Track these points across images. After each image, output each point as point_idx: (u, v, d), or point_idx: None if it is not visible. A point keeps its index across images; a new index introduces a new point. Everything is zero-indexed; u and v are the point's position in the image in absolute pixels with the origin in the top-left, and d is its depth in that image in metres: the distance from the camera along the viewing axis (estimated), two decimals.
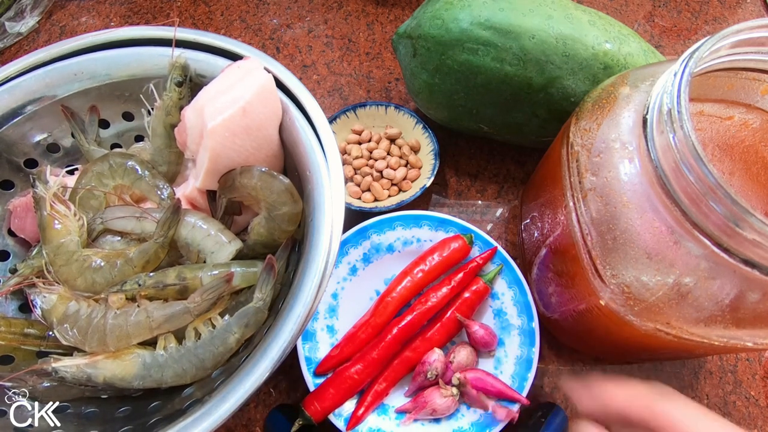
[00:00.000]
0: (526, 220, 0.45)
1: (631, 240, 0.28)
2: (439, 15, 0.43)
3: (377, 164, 0.50)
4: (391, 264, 0.46)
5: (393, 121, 0.53)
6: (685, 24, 0.63)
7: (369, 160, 0.51)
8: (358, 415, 0.39)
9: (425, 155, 0.51)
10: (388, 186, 0.50)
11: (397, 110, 0.52)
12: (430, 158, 0.50)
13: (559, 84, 0.41)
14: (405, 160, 0.51)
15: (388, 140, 0.52)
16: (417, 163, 0.51)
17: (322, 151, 0.35)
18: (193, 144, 0.36)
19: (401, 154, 0.51)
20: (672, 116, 0.25)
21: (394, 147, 0.52)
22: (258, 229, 0.36)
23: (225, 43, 0.38)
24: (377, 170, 0.50)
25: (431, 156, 0.50)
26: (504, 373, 0.41)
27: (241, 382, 0.28)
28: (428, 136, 0.50)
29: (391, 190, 0.50)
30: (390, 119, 0.53)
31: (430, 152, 0.50)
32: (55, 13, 0.63)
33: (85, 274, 0.34)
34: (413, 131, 0.52)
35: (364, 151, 0.51)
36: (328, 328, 0.43)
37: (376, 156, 0.51)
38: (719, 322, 0.27)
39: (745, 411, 0.43)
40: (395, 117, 0.52)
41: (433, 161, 0.49)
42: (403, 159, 0.51)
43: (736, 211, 0.22)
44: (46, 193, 0.35)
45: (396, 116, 0.52)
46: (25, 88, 0.38)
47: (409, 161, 0.51)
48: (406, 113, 0.52)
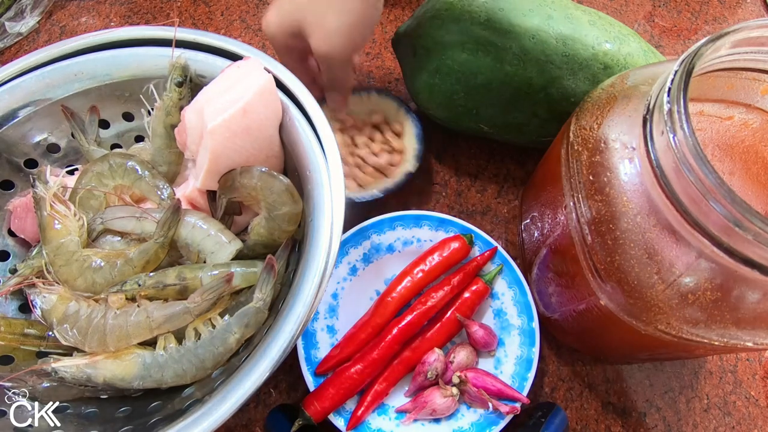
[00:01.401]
0: (526, 220, 0.45)
1: (631, 240, 0.28)
2: (439, 15, 0.43)
3: (360, 151, 0.49)
4: (391, 264, 0.46)
5: (376, 106, 0.51)
6: (685, 24, 0.63)
7: (351, 147, 0.50)
8: (358, 415, 0.39)
9: (409, 140, 0.50)
10: (372, 173, 0.49)
11: (379, 95, 0.51)
12: (413, 143, 0.49)
13: (559, 84, 0.41)
14: (389, 145, 0.50)
15: (372, 126, 0.51)
16: (400, 148, 0.49)
17: (322, 151, 0.35)
18: (193, 144, 0.36)
19: (384, 140, 0.50)
20: (672, 116, 0.25)
21: (377, 133, 0.50)
22: (258, 229, 0.36)
23: (225, 43, 0.38)
24: (360, 157, 0.49)
25: (415, 140, 0.49)
26: (504, 373, 0.41)
27: (241, 382, 0.28)
28: (411, 120, 0.49)
29: (375, 176, 0.49)
30: (373, 104, 0.51)
31: (413, 136, 0.49)
32: (55, 13, 0.63)
33: (85, 274, 0.34)
34: (396, 116, 0.51)
35: (347, 138, 0.50)
36: (328, 328, 0.43)
37: (358, 142, 0.49)
38: (719, 322, 0.27)
39: (745, 411, 0.43)
40: (378, 102, 0.51)
41: (417, 146, 0.48)
42: (386, 145, 0.50)
43: (736, 211, 0.22)
44: (46, 193, 0.35)
45: (379, 101, 0.51)
46: (25, 88, 0.38)
47: (393, 146, 0.50)
48: (388, 98, 0.51)
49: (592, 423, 0.43)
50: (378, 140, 0.50)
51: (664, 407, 0.43)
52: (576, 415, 0.43)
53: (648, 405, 0.43)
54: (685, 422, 0.43)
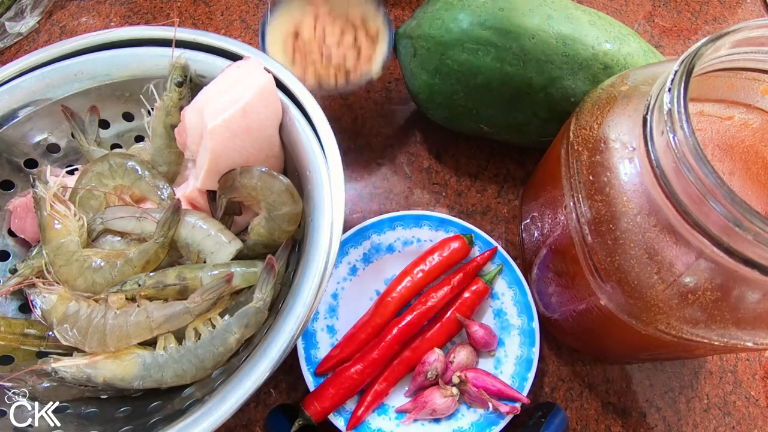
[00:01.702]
0: (526, 220, 0.45)
1: (631, 240, 0.28)
2: (439, 15, 0.43)
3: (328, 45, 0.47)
4: (391, 264, 0.46)
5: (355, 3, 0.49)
6: (685, 24, 0.63)
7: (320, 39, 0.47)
8: (358, 415, 0.39)
9: (380, 46, 0.47)
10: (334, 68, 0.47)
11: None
12: (383, 50, 0.47)
13: (559, 84, 0.41)
14: (358, 47, 0.47)
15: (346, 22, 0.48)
16: (369, 53, 0.47)
17: (322, 151, 0.35)
18: (193, 144, 0.36)
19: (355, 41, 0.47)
20: (672, 116, 0.25)
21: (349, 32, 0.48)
22: (258, 229, 0.36)
23: (225, 43, 0.38)
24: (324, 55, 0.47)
25: (385, 48, 0.47)
26: (504, 373, 0.41)
27: (241, 382, 0.28)
28: (386, 27, 0.47)
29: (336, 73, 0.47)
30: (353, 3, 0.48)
31: (385, 44, 0.47)
32: (55, 13, 0.63)
33: (85, 274, 0.34)
34: (374, 19, 0.48)
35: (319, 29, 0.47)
36: (328, 328, 0.43)
37: (328, 36, 0.47)
38: (719, 322, 0.27)
39: (745, 411, 0.43)
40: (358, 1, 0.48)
41: (385, 54, 0.46)
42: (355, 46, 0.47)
43: (736, 211, 0.22)
44: (46, 193, 0.35)
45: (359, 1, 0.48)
46: (25, 88, 0.38)
47: (362, 49, 0.47)
48: None
49: (592, 423, 0.43)
50: (348, 39, 0.48)
51: (664, 407, 0.43)
52: (576, 415, 0.43)
53: (648, 405, 0.43)
54: (685, 422, 0.43)
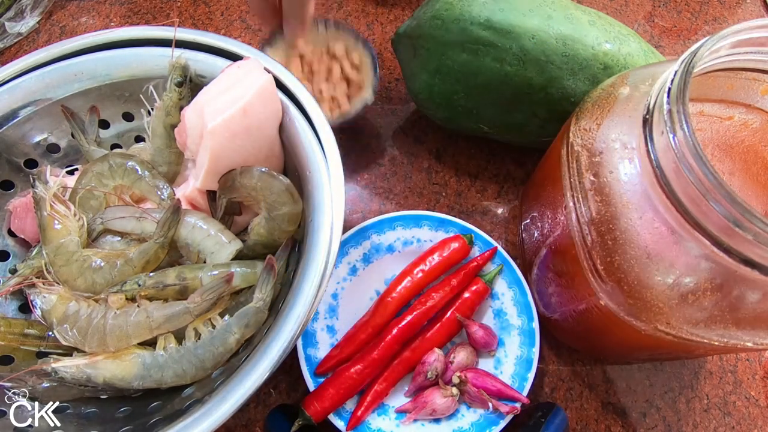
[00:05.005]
0: (526, 220, 0.45)
1: (631, 240, 0.28)
2: (439, 15, 0.43)
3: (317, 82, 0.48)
4: (391, 264, 0.46)
5: (334, 39, 0.50)
6: (685, 24, 0.63)
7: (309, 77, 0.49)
8: (358, 415, 0.39)
9: (366, 73, 0.49)
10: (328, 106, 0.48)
11: (337, 29, 0.50)
12: (370, 76, 0.48)
13: (559, 84, 0.41)
14: (346, 78, 0.49)
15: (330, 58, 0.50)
16: (359, 81, 0.49)
17: (322, 151, 0.35)
18: (193, 144, 0.36)
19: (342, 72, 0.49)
20: (672, 116, 0.25)
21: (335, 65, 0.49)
22: (258, 230, 0.36)
23: (225, 43, 0.38)
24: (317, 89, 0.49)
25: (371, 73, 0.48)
26: (504, 373, 0.41)
27: (241, 382, 0.28)
28: (367, 53, 0.49)
29: (332, 107, 0.49)
30: (331, 38, 0.50)
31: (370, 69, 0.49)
32: (55, 13, 0.63)
33: (85, 274, 0.34)
34: (355, 48, 0.50)
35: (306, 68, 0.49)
36: (328, 328, 0.43)
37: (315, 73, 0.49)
38: (719, 322, 0.27)
39: (745, 411, 0.43)
40: (336, 35, 0.50)
41: (373, 79, 0.48)
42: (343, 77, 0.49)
43: (736, 211, 0.22)
44: (46, 193, 0.35)
45: (337, 35, 0.50)
46: (25, 88, 0.38)
47: (351, 78, 0.49)
48: (345, 31, 0.50)
49: (592, 423, 0.43)
50: (336, 72, 0.49)
51: (664, 407, 0.43)
52: (576, 415, 0.43)
53: (648, 405, 0.43)
54: (685, 422, 0.43)
